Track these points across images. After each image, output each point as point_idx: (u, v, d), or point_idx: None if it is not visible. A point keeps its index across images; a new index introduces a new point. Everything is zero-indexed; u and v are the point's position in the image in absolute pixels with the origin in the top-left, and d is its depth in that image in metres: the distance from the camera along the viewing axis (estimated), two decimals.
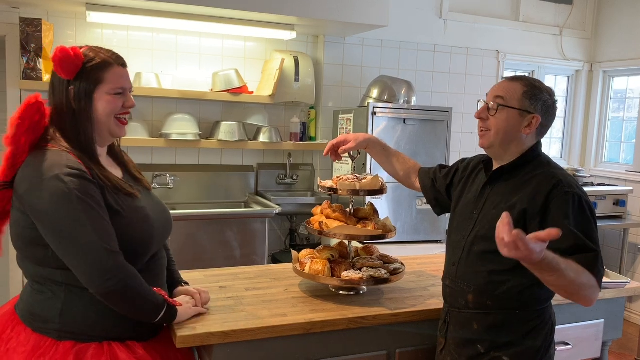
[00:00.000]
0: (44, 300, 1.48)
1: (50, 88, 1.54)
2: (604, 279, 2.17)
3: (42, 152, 1.47)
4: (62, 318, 1.46)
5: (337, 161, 2.16)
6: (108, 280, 1.40)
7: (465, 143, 4.42)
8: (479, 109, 1.66)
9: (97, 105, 1.52)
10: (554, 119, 1.66)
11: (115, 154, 1.69)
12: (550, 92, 1.63)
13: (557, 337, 1.99)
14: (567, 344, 2.06)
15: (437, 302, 1.88)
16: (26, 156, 1.47)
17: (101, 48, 1.57)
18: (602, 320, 2.14)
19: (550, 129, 1.74)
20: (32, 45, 3.15)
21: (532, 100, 1.58)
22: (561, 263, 1.37)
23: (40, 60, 3.18)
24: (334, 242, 2.13)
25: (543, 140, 1.71)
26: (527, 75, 4.85)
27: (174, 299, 1.60)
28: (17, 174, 1.47)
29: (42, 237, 1.43)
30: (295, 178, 4.01)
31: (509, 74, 4.74)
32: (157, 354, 1.55)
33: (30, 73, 3.17)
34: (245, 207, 3.73)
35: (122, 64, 1.57)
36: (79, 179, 1.42)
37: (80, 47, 1.53)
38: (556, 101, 1.65)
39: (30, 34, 3.15)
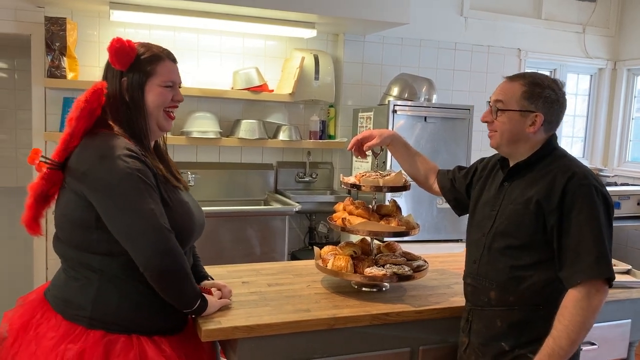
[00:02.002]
0: (79, 286, 1.50)
1: (104, 79, 1.58)
2: (630, 279, 2.14)
3: (100, 136, 1.51)
4: (94, 305, 1.47)
5: (358, 158, 2.16)
6: (165, 258, 1.42)
7: (486, 141, 4.32)
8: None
9: (148, 97, 1.56)
10: (561, 112, 1.63)
11: (160, 152, 1.71)
12: (553, 87, 1.60)
13: None
14: (593, 344, 2.03)
15: (461, 300, 1.86)
16: (78, 141, 1.51)
17: (152, 44, 1.62)
18: (629, 320, 2.10)
19: (572, 128, 1.75)
20: (57, 44, 3.20)
21: (531, 100, 1.58)
22: (555, 346, 1.46)
23: (65, 58, 3.23)
24: (355, 239, 2.12)
25: (564, 140, 1.70)
26: (544, 72, 4.79)
27: (205, 289, 1.63)
28: (73, 157, 1.50)
29: (91, 220, 1.45)
30: (314, 176, 4.01)
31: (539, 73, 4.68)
32: (181, 351, 1.56)
33: (54, 71, 3.22)
34: (264, 205, 3.74)
35: (172, 59, 1.63)
36: (139, 161, 1.46)
37: (134, 43, 1.57)
38: (563, 94, 1.62)
39: (54, 33, 3.19)
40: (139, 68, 1.55)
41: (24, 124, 3.89)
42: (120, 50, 1.51)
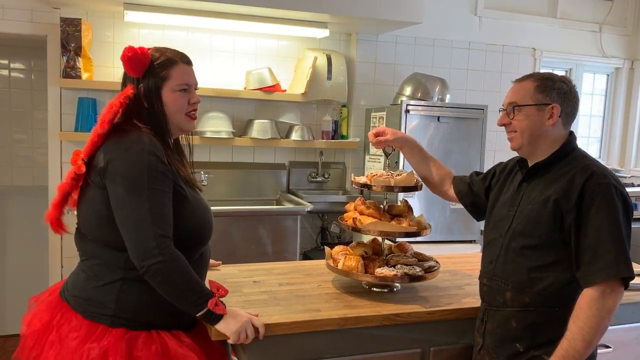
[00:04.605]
0: (101, 285, 1.52)
1: (123, 86, 1.62)
2: None
3: (126, 132, 1.53)
4: (117, 304, 1.50)
5: (372, 154, 2.15)
6: (145, 260, 1.43)
7: (500, 141, 4.32)
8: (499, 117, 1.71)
9: (166, 102, 1.59)
10: (576, 104, 1.65)
11: (180, 150, 1.73)
12: (564, 80, 1.63)
13: None
14: (608, 347, 2.00)
15: (473, 301, 1.86)
16: (103, 140, 1.53)
17: (167, 48, 1.64)
18: None
19: (588, 128, 1.75)
20: (72, 45, 3.23)
21: (545, 92, 1.60)
22: (570, 348, 1.45)
23: (80, 59, 3.26)
24: (367, 239, 2.12)
25: (580, 141, 1.69)
26: (559, 72, 4.75)
27: (221, 305, 1.53)
28: (99, 153, 1.53)
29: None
30: (326, 176, 4.01)
31: (545, 71, 4.64)
32: (199, 342, 1.59)
33: (70, 72, 3.25)
34: (277, 205, 3.75)
35: (186, 61, 1.65)
36: (159, 161, 1.49)
37: (148, 48, 1.60)
38: (574, 86, 1.65)
39: (70, 34, 3.23)
40: (154, 73, 1.57)
41: (41, 124, 3.94)
42: (133, 58, 1.54)
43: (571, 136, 1.65)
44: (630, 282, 2.05)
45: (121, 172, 1.47)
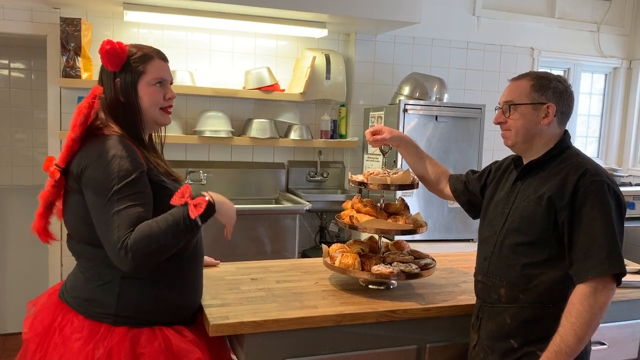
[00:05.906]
0: (101, 285, 1.53)
1: (100, 81, 1.64)
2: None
3: (99, 138, 1.54)
4: (118, 302, 1.51)
5: (371, 153, 2.17)
6: (122, 265, 1.43)
7: (498, 141, 4.31)
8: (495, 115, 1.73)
9: (142, 96, 1.61)
10: (571, 103, 1.66)
11: (154, 147, 1.74)
12: (560, 79, 1.65)
13: (592, 337, 1.95)
14: (603, 344, 2.01)
15: (469, 298, 1.87)
16: (79, 145, 1.54)
17: (143, 45, 1.66)
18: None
19: (587, 128, 1.76)
20: (72, 44, 3.25)
21: (541, 91, 1.61)
22: (562, 344, 1.47)
23: (79, 58, 3.28)
24: (364, 237, 2.13)
25: (579, 140, 1.71)
26: (557, 72, 4.77)
27: (201, 203, 1.49)
28: (75, 160, 1.53)
29: None
30: (325, 175, 4.03)
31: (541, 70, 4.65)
32: (202, 338, 1.60)
33: (69, 71, 3.27)
34: (275, 204, 3.77)
35: (162, 57, 1.67)
36: (131, 163, 1.48)
37: (125, 45, 1.62)
38: (569, 86, 1.66)
39: (70, 34, 3.24)
40: (131, 68, 1.60)
41: (41, 124, 3.96)
42: (111, 51, 1.57)
43: (565, 135, 1.67)
44: (626, 280, 2.08)
45: (92, 179, 1.47)
